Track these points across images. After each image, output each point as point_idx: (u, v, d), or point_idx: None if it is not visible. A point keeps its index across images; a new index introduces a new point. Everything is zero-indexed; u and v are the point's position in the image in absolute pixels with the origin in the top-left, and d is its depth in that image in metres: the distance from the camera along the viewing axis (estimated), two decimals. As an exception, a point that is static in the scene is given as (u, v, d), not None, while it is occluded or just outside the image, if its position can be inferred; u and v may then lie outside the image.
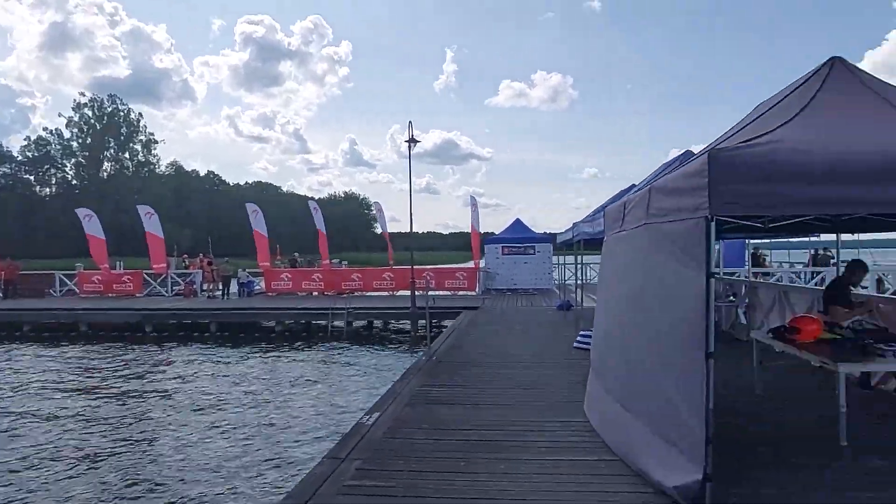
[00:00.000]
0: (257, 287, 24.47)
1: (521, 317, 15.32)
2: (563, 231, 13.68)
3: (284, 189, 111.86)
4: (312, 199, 35.91)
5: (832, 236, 8.16)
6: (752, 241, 23.23)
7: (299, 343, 17.03)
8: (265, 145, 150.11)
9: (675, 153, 14.52)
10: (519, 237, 23.99)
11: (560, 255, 21.78)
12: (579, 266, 14.99)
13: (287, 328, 18.56)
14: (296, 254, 30.77)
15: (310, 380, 12.51)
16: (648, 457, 4.12)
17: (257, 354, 15.52)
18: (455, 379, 7.73)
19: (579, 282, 14.37)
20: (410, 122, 17.51)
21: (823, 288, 7.26)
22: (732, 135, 4.23)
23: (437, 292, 21.69)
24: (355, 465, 4.65)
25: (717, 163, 3.26)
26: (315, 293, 23.10)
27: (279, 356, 15.28)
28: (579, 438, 5.17)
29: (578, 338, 9.82)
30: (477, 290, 22.48)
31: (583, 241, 10.87)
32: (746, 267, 21.41)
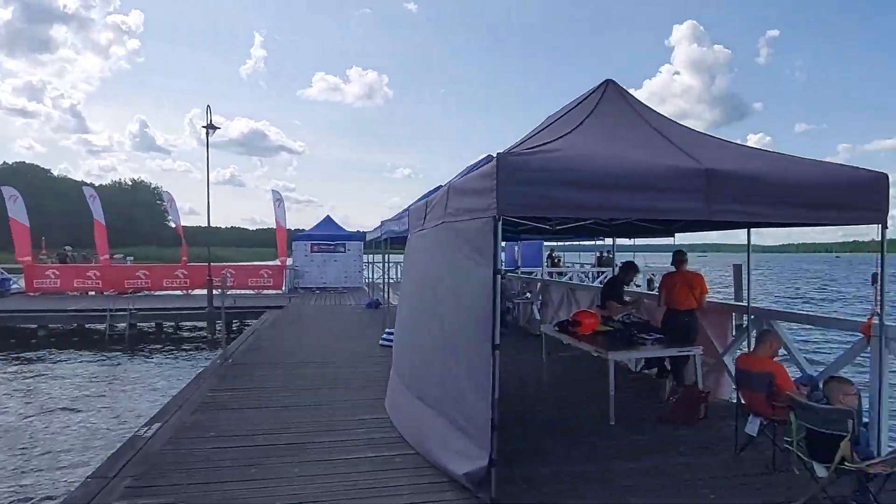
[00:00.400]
0: (14, 285, 21.07)
1: (328, 315, 15.19)
2: (372, 229, 13.85)
3: (56, 173, 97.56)
4: (90, 185, 31.67)
5: (622, 240, 9.44)
6: (548, 243, 25.86)
7: (69, 350, 14.98)
8: (31, 120, 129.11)
9: (482, 156, 15.59)
10: (329, 235, 23.74)
11: (370, 254, 22.01)
12: (387, 264, 15.27)
13: (52, 333, 16.23)
14: (67, 247, 26.93)
15: (81, 392, 11.06)
16: (443, 448, 4.34)
17: (15, 364, 13.34)
18: (252, 382, 7.42)
19: (387, 280, 14.66)
20: (209, 105, 16.39)
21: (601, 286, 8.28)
22: (523, 142, 4.64)
23: (239, 291, 20.58)
24: (126, 482, 4.22)
25: (503, 166, 3.55)
26: (91, 293, 20.49)
27: (43, 366, 13.28)
28: (380, 435, 5.27)
29: (384, 335, 10.02)
30: (283, 288, 21.79)
31: (390, 240, 11.10)
32: (543, 266, 23.67)
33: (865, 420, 4.55)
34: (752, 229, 6.03)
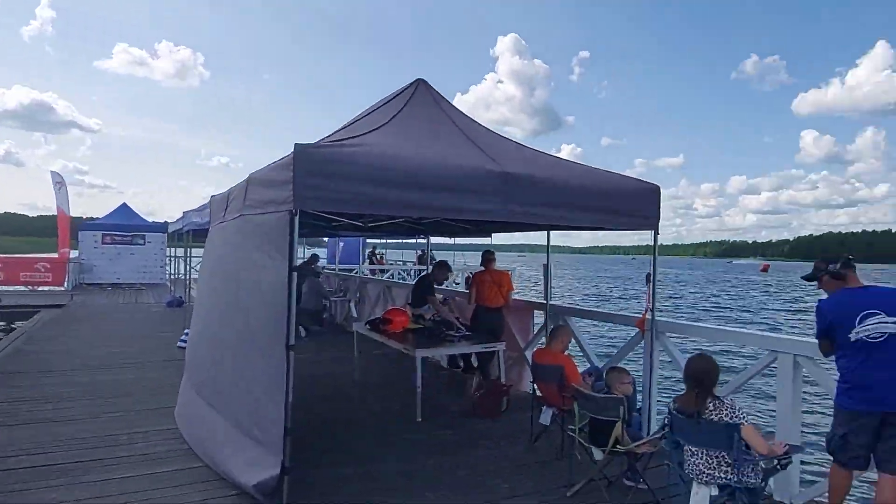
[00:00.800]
0: None
1: (120, 315, 13.70)
2: (175, 220, 12.76)
3: None
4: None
5: (445, 239, 9.68)
6: (371, 240, 25.94)
7: None
8: None
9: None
10: (124, 225, 21.46)
11: (174, 247, 20.33)
12: (189, 259, 14.18)
13: None
14: None
15: None
16: (234, 458, 4.10)
17: None
18: (14, 393, 6.41)
19: (189, 276, 13.62)
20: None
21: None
22: (331, 135, 4.55)
23: (7, 288, 17.82)
24: None
25: (301, 158, 3.44)
26: None
27: None
28: (165, 448, 4.84)
29: (183, 336, 9.27)
30: (66, 284, 19.24)
31: (193, 232, 10.32)
32: (360, 264, 23.67)
33: (640, 405, 5.17)
34: (556, 231, 6.56)
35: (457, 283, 22.03)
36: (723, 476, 3.36)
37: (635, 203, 5.03)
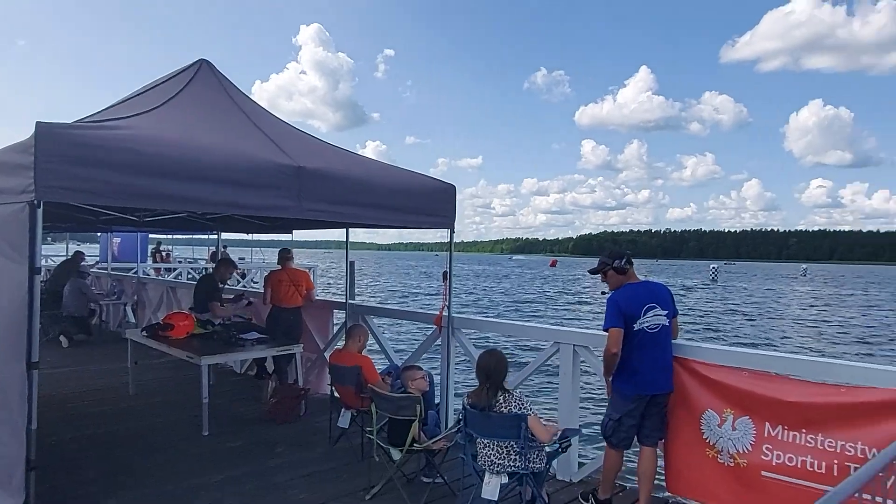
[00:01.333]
0: None
1: None
2: None
3: None
4: None
5: (241, 235, 8.98)
6: (156, 235, 23.55)
7: None
8: None
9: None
10: None
11: None
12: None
13: None
14: None
15: None
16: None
17: None
18: None
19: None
20: None
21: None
22: (92, 115, 3.97)
23: None
24: None
25: (45, 139, 2.91)
26: None
27: None
28: None
29: None
30: None
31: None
32: (140, 262, 21.45)
33: (438, 400, 5.31)
34: (354, 229, 6.47)
35: (255, 283, 21.00)
36: (512, 464, 3.55)
37: (433, 202, 5.14)
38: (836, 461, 3.28)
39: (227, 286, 7.92)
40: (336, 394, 5.08)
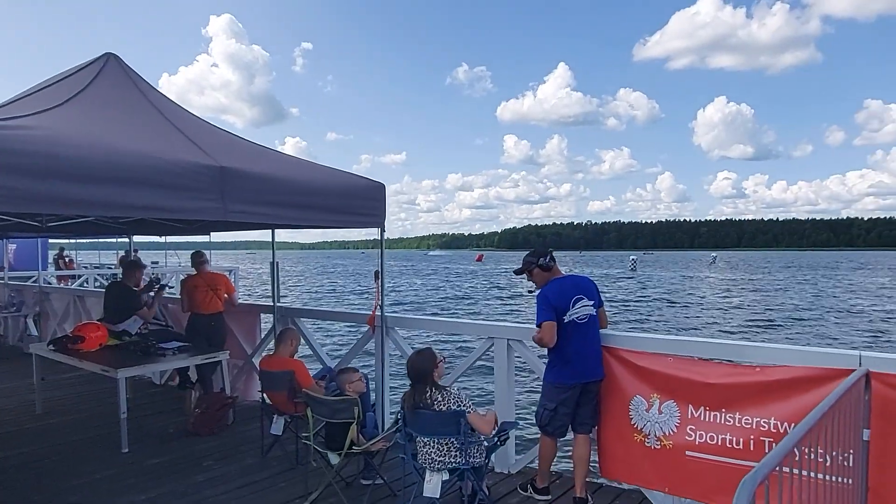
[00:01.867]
0: None
1: None
2: None
3: None
4: None
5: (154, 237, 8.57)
6: (57, 240, 22.10)
7: None
8: None
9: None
10: None
11: None
12: None
13: None
14: None
15: None
16: None
17: None
18: None
19: None
20: None
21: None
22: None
23: None
24: None
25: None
26: None
27: None
28: None
29: None
30: None
31: None
32: (40, 269, 20.12)
33: (374, 401, 5.31)
34: (280, 229, 6.35)
35: (171, 288, 20.13)
36: (452, 460, 3.63)
37: (363, 201, 5.12)
38: (752, 437, 3.55)
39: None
40: (268, 400, 4.98)
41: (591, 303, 4.06)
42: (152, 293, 6.63)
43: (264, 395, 4.98)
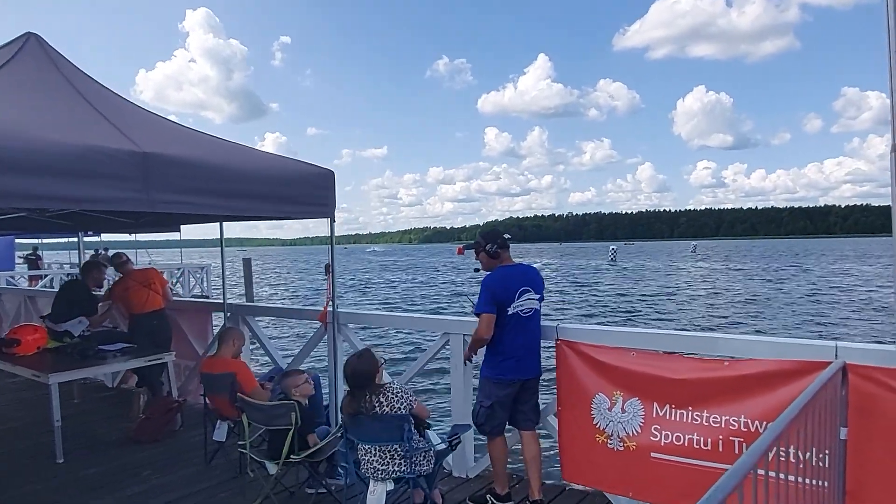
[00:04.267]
0: None
1: None
2: None
3: None
4: None
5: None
6: (28, 240, 21.42)
7: None
8: None
9: None
10: None
11: None
12: None
13: None
14: None
15: None
16: None
17: None
18: None
19: None
20: None
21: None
22: None
23: None
24: None
25: None
26: None
27: None
28: None
29: None
30: None
31: None
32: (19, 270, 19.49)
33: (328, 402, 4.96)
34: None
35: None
36: (397, 469, 3.30)
37: (311, 189, 4.75)
38: (721, 436, 3.26)
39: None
40: (211, 404, 4.62)
41: (537, 296, 3.79)
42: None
43: (206, 398, 4.61)
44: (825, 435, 2.57)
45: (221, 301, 6.13)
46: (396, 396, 3.29)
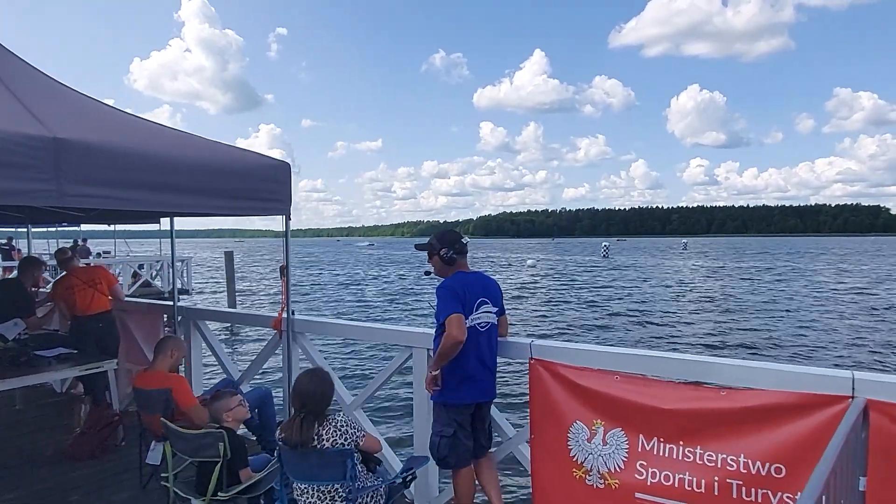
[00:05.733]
0: None
1: None
2: None
3: None
4: None
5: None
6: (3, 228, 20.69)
7: None
8: None
9: None
10: None
11: None
12: None
13: None
14: None
15: None
16: None
17: None
18: None
19: None
20: None
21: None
22: None
23: None
24: None
25: None
26: None
27: None
28: None
29: None
30: None
31: None
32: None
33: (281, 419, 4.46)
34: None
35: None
36: (339, 511, 2.81)
37: (262, 183, 4.22)
38: (716, 477, 2.79)
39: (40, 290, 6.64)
40: (144, 423, 4.12)
41: (495, 309, 3.35)
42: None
43: (139, 416, 4.10)
44: (842, 487, 2.10)
45: (174, 303, 5.59)
46: (339, 430, 2.80)
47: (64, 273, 5.55)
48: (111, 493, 4.12)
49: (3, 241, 22.86)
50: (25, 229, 8.07)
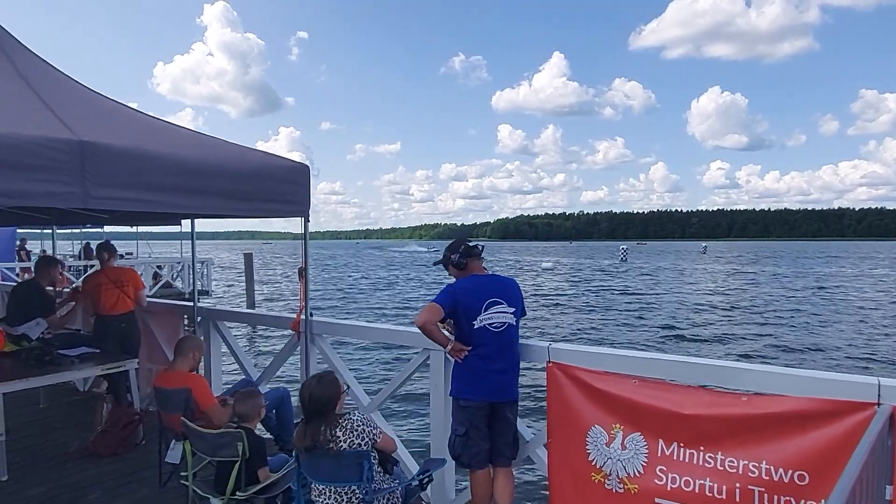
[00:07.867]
0: None
1: None
2: None
3: None
4: None
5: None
6: (21, 230, 21.04)
7: None
8: None
9: None
10: None
11: None
12: None
13: None
14: None
15: None
16: None
17: None
18: None
19: None
20: None
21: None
22: None
23: None
24: None
25: None
26: None
27: None
28: None
29: None
30: None
31: None
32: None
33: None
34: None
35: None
36: (356, 513, 2.81)
37: (282, 185, 4.26)
38: (738, 484, 2.75)
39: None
40: (164, 422, 4.16)
41: (512, 310, 3.34)
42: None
43: (160, 415, 4.15)
44: (868, 496, 2.06)
45: (194, 304, 5.65)
46: (356, 431, 2.80)
47: (96, 270, 5.64)
48: (129, 491, 4.17)
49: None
50: (50, 230, 8.21)
